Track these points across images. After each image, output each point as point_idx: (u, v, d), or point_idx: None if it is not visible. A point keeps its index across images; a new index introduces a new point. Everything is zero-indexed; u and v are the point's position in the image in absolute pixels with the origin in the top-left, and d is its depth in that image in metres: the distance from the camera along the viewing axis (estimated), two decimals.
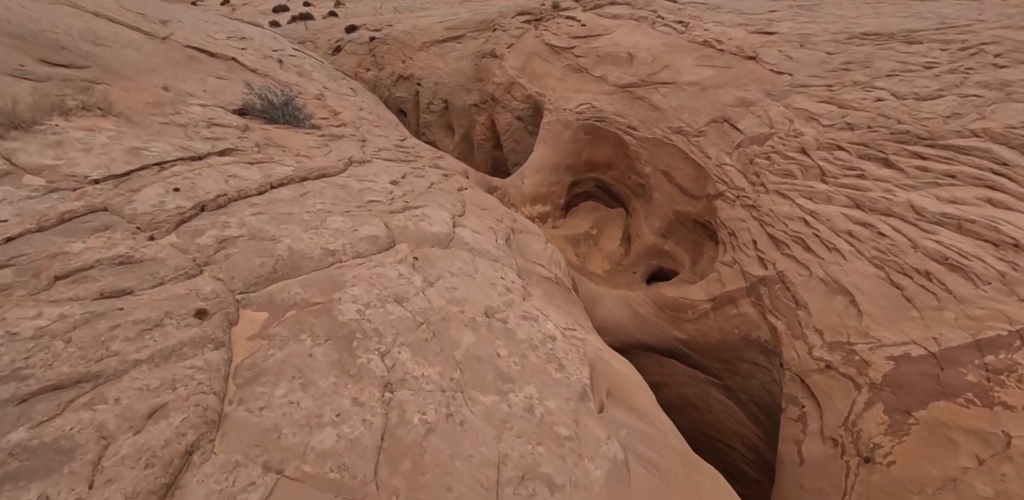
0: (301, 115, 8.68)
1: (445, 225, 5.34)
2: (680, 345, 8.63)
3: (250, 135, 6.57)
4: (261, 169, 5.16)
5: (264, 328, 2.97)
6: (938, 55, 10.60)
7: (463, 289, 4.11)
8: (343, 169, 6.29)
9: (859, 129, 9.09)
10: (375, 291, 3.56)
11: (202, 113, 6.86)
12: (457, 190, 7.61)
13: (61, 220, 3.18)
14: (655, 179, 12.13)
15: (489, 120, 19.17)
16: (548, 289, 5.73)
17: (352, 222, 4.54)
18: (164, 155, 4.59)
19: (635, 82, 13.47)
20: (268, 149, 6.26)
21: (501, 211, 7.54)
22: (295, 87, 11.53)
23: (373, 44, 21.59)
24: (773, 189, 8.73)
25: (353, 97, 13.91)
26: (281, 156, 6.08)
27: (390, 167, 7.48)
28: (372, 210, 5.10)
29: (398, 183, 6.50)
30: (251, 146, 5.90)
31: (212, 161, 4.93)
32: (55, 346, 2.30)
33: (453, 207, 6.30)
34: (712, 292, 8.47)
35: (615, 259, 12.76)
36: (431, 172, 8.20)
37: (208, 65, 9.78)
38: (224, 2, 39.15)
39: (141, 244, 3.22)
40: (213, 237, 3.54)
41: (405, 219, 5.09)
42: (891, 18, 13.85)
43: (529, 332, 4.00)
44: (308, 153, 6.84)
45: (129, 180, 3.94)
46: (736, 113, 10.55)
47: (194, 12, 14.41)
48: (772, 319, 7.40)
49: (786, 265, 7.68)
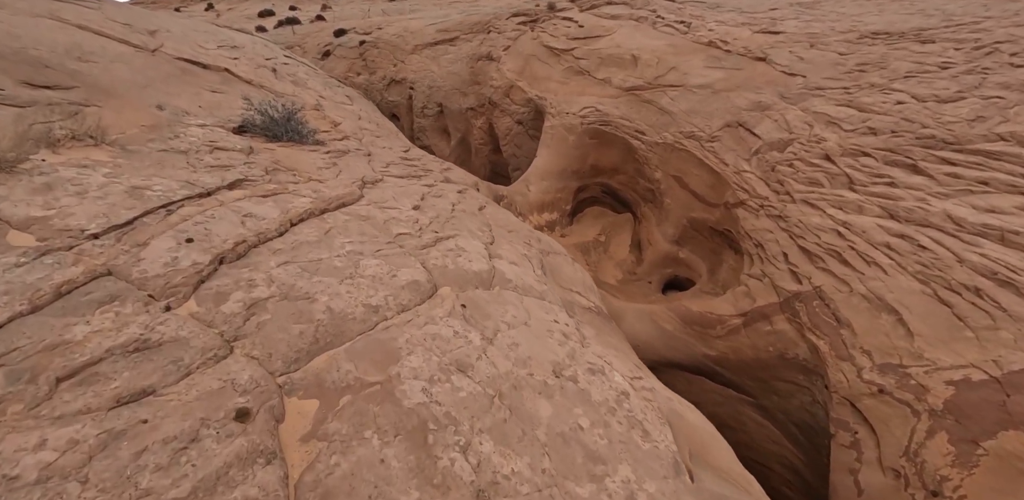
0: (304, 130, 8.04)
1: (483, 259, 4.78)
2: (710, 363, 8.19)
3: (257, 159, 5.94)
4: (277, 203, 4.55)
5: (318, 423, 2.41)
6: (953, 55, 10.25)
7: (524, 343, 3.57)
8: (360, 194, 5.69)
9: (883, 134, 8.70)
10: (435, 359, 3.01)
11: (202, 135, 6.20)
12: (478, 210, 7.05)
13: (58, 294, 2.57)
14: (666, 185, 11.66)
15: (487, 124, 18.54)
16: (594, 323, 5.21)
17: (388, 266, 3.96)
18: (169, 194, 3.97)
19: (641, 85, 12.96)
20: (278, 175, 5.64)
21: (526, 232, 7.00)
22: (292, 98, 10.84)
23: (363, 48, 20.78)
24: (800, 198, 8.30)
25: (350, 105, 13.23)
26: (294, 183, 5.47)
27: (406, 187, 6.89)
28: (404, 246, 4.52)
29: (420, 208, 5.92)
30: (261, 174, 5.27)
31: (223, 197, 4.31)
32: (69, 491, 1.73)
33: (483, 233, 5.74)
34: (742, 307, 8.03)
35: (627, 267, 12.29)
36: (447, 189, 7.62)
37: (201, 78, 9.06)
38: (208, 7, 37.88)
39: (157, 319, 2.63)
40: (240, 302, 2.96)
41: (441, 256, 4.52)
42: (896, 16, 13.51)
43: (602, 391, 3.48)
44: (319, 176, 6.23)
45: (133, 231, 3.32)
46: (752, 117, 10.10)
47: (182, 21, 13.56)
48: (812, 337, 6.98)
49: (823, 280, 7.26)
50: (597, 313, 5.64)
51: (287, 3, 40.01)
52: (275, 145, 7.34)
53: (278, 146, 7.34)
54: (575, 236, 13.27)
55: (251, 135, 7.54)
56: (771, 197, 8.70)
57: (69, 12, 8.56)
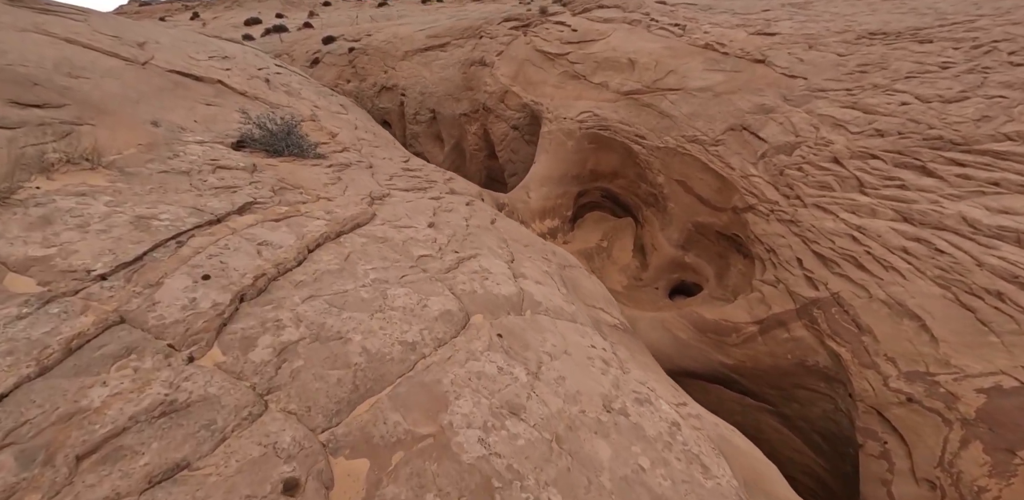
0: (305, 144, 7.72)
1: (509, 281, 4.53)
2: (727, 371, 8.01)
3: (261, 177, 5.62)
4: (291, 227, 4.25)
5: (372, 487, 2.13)
6: (952, 54, 10.20)
7: (569, 376, 3.32)
8: (372, 213, 5.40)
9: (890, 136, 8.59)
10: (484, 401, 2.75)
11: (202, 153, 5.87)
12: (491, 223, 6.80)
13: (68, 350, 2.27)
14: (669, 189, 11.49)
15: (482, 130, 18.28)
16: (624, 342, 4.98)
17: (417, 294, 3.69)
18: (178, 223, 3.66)
19: (639, 89, 12.78)
20: (286, 194, 5.33)
21: (540, 245, 6.76)
22: (288, 109, 10.50)
23: (353, 55, 20.40)
24: (811, 202, 8.16)
25: (345, 115, 12.89)
26: (303, 203, 5.17)
27: (415, 202, 6.62)
28: (428, 270, 4.25)
29: (435, 225, 5.65)
30: (269, 194, 4.97)
31: (234, 223, 4.01)
32: None
33: (502, 251, 5.49)
34: (757, 314, 7.86)
35: (631, 273, 12.10)
36: (455, 202, 7.36)
37: (195, 90, 8.69)
38: (193, 17, 37.16)
39: (181, 374, 2.34)
40: (269, 348, 2.67)
41: (467, 279, 4.26)
42: (890, 15, 13.49)
43: (654, 423, 3.25)
44: (326, 192, 5.93)
45: (144, 268, 3.02)
46: (756, 120, 9.95)
47: (171, 31, 13.13)
48: (832, 345, 6.82)
49: (840, 286, 7.10)
50: (623, 330, 5.41)
51: (273, 11, 39.41)
52: (277, 160, 7.03)
53: (280, 161, 7.02)
54: (577, 242, 13.05)
55: (251, 150, 7.21)
56: (781, 201, 8.54)
57: (56, 25, 8.16)
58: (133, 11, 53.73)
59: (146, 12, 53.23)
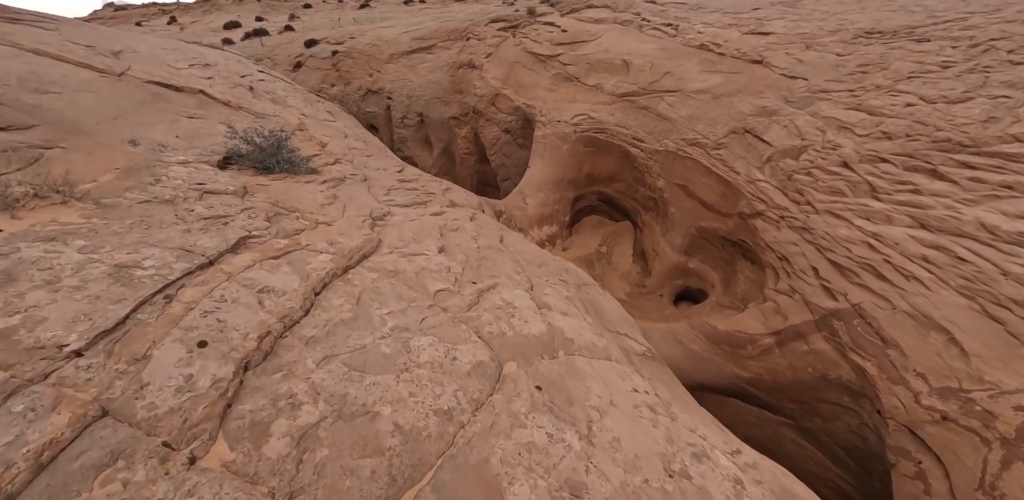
0: (296, 159, 7.18)
1: (535, 315, 4.10)
2: (744, 384, 7.70)
3: (254, 202, 5.10)
4: (292, 265, 3.76)
5: None
6: (951, 53, 9.98)
7: (623, 435, 2.91)
8: (377, 239, 4.92)
9: (898, 138, 8.33)
10: (542, 483, 2.32)
11: (186, 176, 5.33)
12: (499, 241, 6.35)
13: (38, 467, 1.79)
14: (670, 193, 11.15)
15: (472, 133, 17.77)
16: (656, 374, 4.60)
17: (442, 343, 3.24)
18: (164, 271, 3.15)
19: (635, 91, 12.40)
20: (282, 221, 4.83)
21: (552, 263, 6.33)
22: (274, 118, 9.91)
23: (336, 58, 19.68)
24: (823, 209, 7.86)
25: (334, 122, 12.30)
26: (302, 231, 4.67)
27: (419, 221, 6.14)
28: (448, 308, 3.80)
29: (446, 250, 5.19)
30: (263, 224, 4.46)
31: (228, 266, 3.50)
32: None
33: (519, 276, 5.05)
34: (773, 325, 7.55)
35: (633, 279, 11.75)
36: (459, 218, 6.90)
37: (176, 102, 8.07)
38: (171, 21, 35.84)
39: (182, 485, 1.87)
40: (286, 437, 2.20)
41: (492, 318, 3.81)
42: (880, 13, 13.27)
43: (718, 483, 2.86)
44: (324, 215, 5.44)
45: (127, 336, 2.52)
46: (759, 123, 9.63)
47: (148, 38, 12.38)
48: (856, 358, 6.53)
49: (861, 296, 6.81)
50: (652, 358, 5.02)
51: (253, 14, 38.17)
52: (268, 179, 6.49)
53: (271, 180, 6.49)
54: (577, 249, 12.66)
55: (238, 167, 6.67)
56: (791, 207, 8.23)
57: (24, 35, 7.49)
58: (108, 16, 51.84)
59: (122, 17, 51.38)
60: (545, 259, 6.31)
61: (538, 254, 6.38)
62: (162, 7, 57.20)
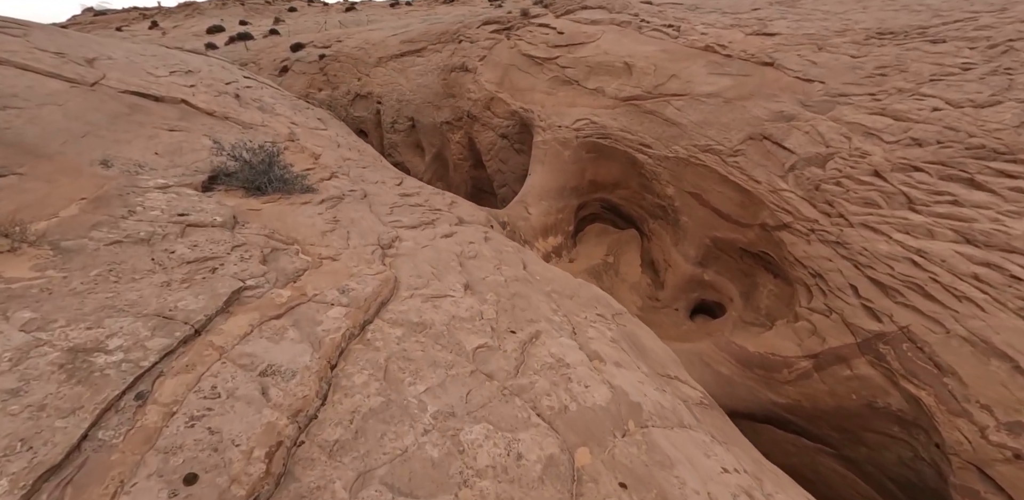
0: (289, 176, 6.37)
1: (591, 374, 3.38)
2: (780, 411, 7.09)
3: (246, 236, 4.30)
4: (299, 328, 2.99)
5: None
6: (970, 55, 9.49)
7: None
8: (393, 279, 4.15)
9: (929, 145, 7.78)
10: None
11: (166, 204, 4.50)
12: (523, 269, 5.62)
13: None
14: (681, 202, 10.52)
15: (466, 138, 16.96)
16: (727, 432, 3.93)
17: (500, 436, 2.50)
18: (137, 355, 2.36)
19: (639, 94, 11.73)
20: (280, 259, 4.04)
21: (582, 292, 5.62)
22: (263, 129, 9.05)
23: (324, 62, 18.68)
24: (858, 222, 7.27)
25: (325, 131, 11.43)
26: (305, 272, 3.89)
27: (432, 247, 5.38)
28: (493, 374, 3.06)
29: (471, 287, 4.44)
30: (259, 268, 3.66)
31: (220, 337, 2.72)
32: None
33: (558, 317, 4.33)
34: (810, 347, 6.96)
35: (643, 291, 11.11)
36: (474, 239, 6.15)
37: (155, 114, 7.19)
38: (152, 26, 34.21)
39: None
40: None
41: (547, 385, 3.08)
42: (883, 13, 12.79)
43: None
44: (327, 246, 4.66)
45: (82, 476, 1.74)
46: (778, 129, 9.03)
47: (126, 44, 11.36)
48: (909, 387, 5.94)
49: (909, 318, 6.23)
50: (710, 406, 4.35)
51: (236, 18, 36.66)
52: (259, 201, 5.68)
53: (263, 203, 5.67)
54: (583, 260, 11.98)
55: (226, 188, 5.85)
56: (821, 220, 7.64)
57: None
58: (88, 21, 49.61)
59: (101, 22, 49.20)
60: (574, 288, 5.60)
61: (566, 282, 5.66)
62: (143, 12, 55.01)
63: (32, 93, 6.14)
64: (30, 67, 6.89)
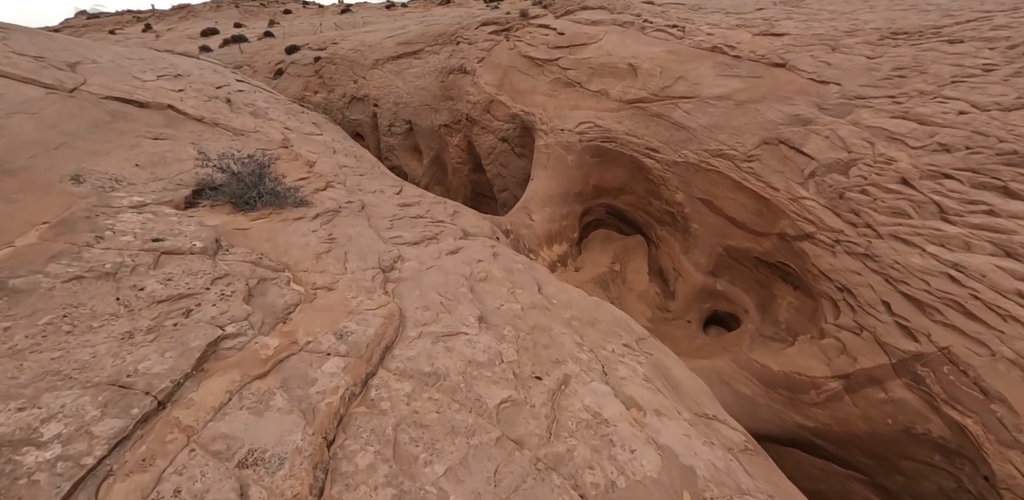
0: (281, 189, 5.78)
1: (634, 433, 2.84)
2: (808, 434, 6.60)
3: (229, 263, 3.73)
4: (288, 390, 2.44)
5: None
6: (990, 55, 9.02)
7: None
8: (397, 313, 3.60)
9: (957, 151, 7.29)
10: None
11: (140, 226, 3.93)
12: (538, 291, 5.09)
13: None
14: (691, 208, 10.01)
15: (465, 142, 16.39)
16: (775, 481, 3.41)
17: None
18: (78, 449, 1.80)
19: (645, 97, 11.21)
20: (267, 292, 3.48)
21: (604, 316, 5.08)
22: (255, 135, 8.46)
23: (319, 64, 18.04)
24: (887, 233, 6.78)
25: (320, 136, 10.84)
26: (295, 307, 3.34)
27: (438, 267, 4.82)
28: (523, 440, 2.52)
29: (485, 320, 3.89)
30: (241, 309, 3.10)
31: (189, 412, 2.16)
32: None
33: (584, 354, 3.79)
34: (839, 367, 6.46)
35: (652, 300, 10.61)
36: (481, 257, 5.60)
37: (139, 121, 6.61)
38: (146, 29, 33.36)
39: None
40: None
41: (588, 452, 2.54)
42: (892, 12, 12.33)
43: None
44: (321, 271, 4.11)
45: None
46: (795, 133, 8.53)
47: (113, 48, 10.72)
48: (951, 413, 5.46)
49: (949, 338, 5.74)
50: (756, 452, 3.83)
51: (231, 20, 35.84)
52: (247, 218, 5.11)
53: (252, 220, 5.11)
54: (589, 268, 11.46)
55: (211, 203, 5.28)
56: (847, 230, 7.15)
57: None
58: (80, 24, 48.55)
59: (94, 25, 48.14)
60: (593, 311, 5.06)
61: (584, 305, 5.13)
62: (137, 14, 53.99)
63: (2, 101, 5.57)
64: (3, 72, 6.30)
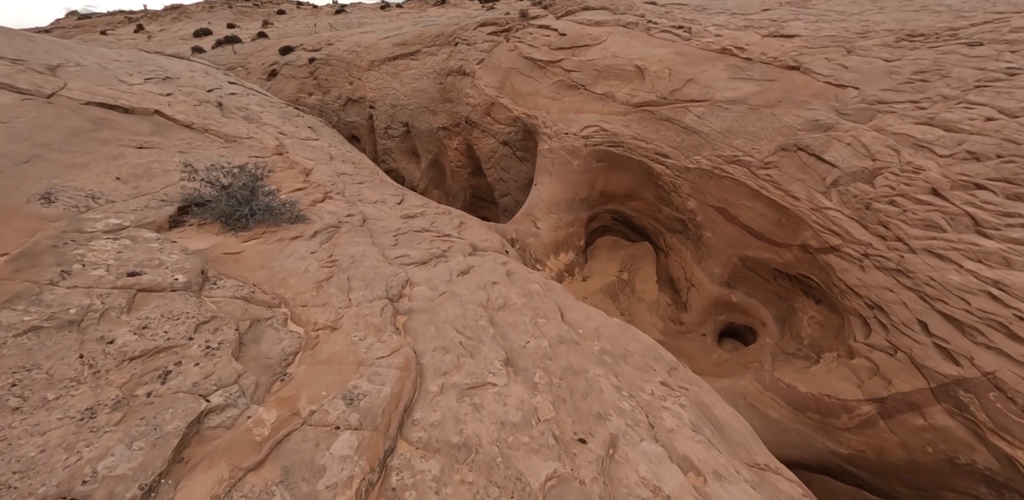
0: (276, 204, 5.24)
1: None
2: (840, 461, 6.16)
3: (217, 301, 3.20)
4: (289, 485, 1.90)
5: None
6: (1012, 58, 8.60)
7: None
8: (414, 362, 3.09)
9: (988, 159, 6.87)
10: None
11: (115, 257, 3.38)
12: (561, 318, 4.59)
13: None
14: (704, 216, 9.55)
15: (464, 145, 15.84)
16: None
17: None
18: None
19: (654, 100, 10.72)
20: (262, 339, 2.96)
21: (635, 347, 4.59)
22: (248, 142, 7.89)
23: (314, 66, 17.39)
24: (920, 247, 6.35)
25: (316, 141, 10.27)
26: (294, 356, 2.82)
27: (455, 299, 4.31)
28: None
29: (512, 363, 3.39)
30: (231, 369, 2.56)
31: None
32: None
33: (626, 402, 3.29)
34: (872, 390, 6.03)
35: (664, 311, 10.14)
36: (496, 278, 5.08)
37: (123, 129, 6.05)
38: (138, 29, 32.40)
39: None
40: None
41: None
42: (902, 13, 11.91)
43: None
44: (324, 306, 3.59)
45: None
46: (814, 140, 8.08)
47: (99, 49, 10.07)
48: (1000, 443, 5.03)
49: (994, 362, 5.31)
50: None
51: (224, 21, 34.90)
52: (239, 239, 4.57)
53: (244, 241, 4.57)
54: (597, 277, 10.97)
55: (199, 221, 4.75)
56: (876, 243, 6.71)
57: None
58: (71, 25, 47.26)
59: (85, 26, 46.86)
60: (623, 341, 4.57)
61: (612, 335, 4.62)
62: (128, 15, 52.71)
63: None
64: None
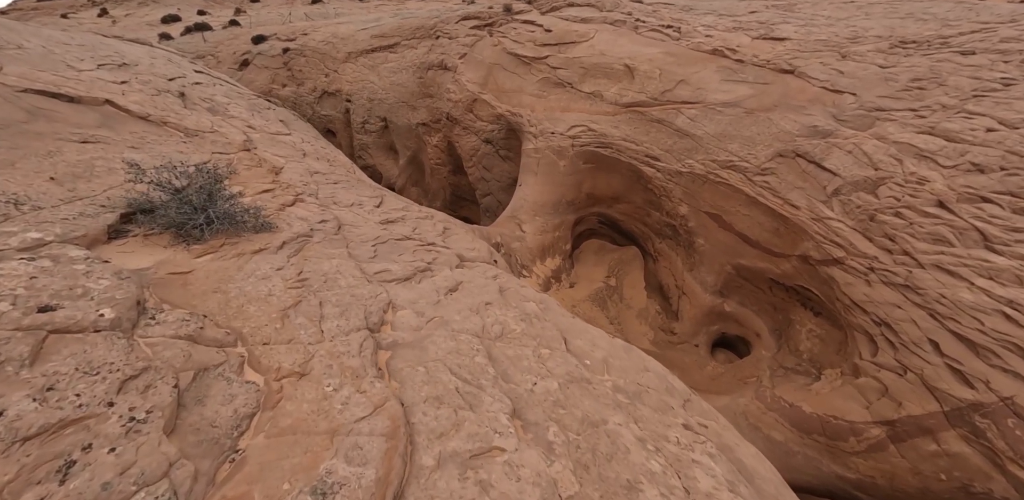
0: (238, 209, 4.45)
1: None
2: (848, 487, 5.77)
3: (153, 346, 2.46)
4: None
5: None
6: (1006, 68, 8.39)
7: None
8: (402, 423, 2.42)
9: (992, 171, 6.57)
10: None
11: (26, 290, 2.59)
12: (567, 350, 3.97)
13: None
14: (697, 223, 9.09)
15: (444, 142, 15.04)
16: None
17: None
18: None
19: (644, 100, 10.19)
20: (207, 397, 2.26)
21: (652, 383, 4.01)
22: (211, 138, 7.00)
23: (288, 56, 16.23)
24: (929, 262, 5.99)
25: (288, 135, 9.35)
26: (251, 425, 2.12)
27: (446, 325, 3.64)
28: None
29: (521, 415, 2.76)
30: (158, 458, 1.85)
31: None
32: None
33: (654, 461, 2.71)
34: (881, 412, 5.65)
35: (654, 320, 9.68)
36: (489, 299, 4.42)
37: (64, 120, 5.14)
38: (102, 13, 30.03)
39: None
40: None
41: None
42: (889, 20, 11.70)
43: None
44: (290, 342, 2.91)
45: None
46: (814, 146, 7.68)
47: (47, 31, 8.87)
48: (1019, 472, 4.69)
49: (1012, 386, 4.97)
50: None
51: (195, 8, 32.80)
52: (191, 254, 3.80)
53: (197, 257, 3.80)
54: (584, 283, 10.42)
55: (144, 231, 3.96)
56: (881, 257, 6.33)
57: None
58: (30, 7, 43.75)
59: (45, 9, 43.46)
60: (633, 372, 3.98)
61: (622, 366, 4.04)
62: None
63: None
64: None
